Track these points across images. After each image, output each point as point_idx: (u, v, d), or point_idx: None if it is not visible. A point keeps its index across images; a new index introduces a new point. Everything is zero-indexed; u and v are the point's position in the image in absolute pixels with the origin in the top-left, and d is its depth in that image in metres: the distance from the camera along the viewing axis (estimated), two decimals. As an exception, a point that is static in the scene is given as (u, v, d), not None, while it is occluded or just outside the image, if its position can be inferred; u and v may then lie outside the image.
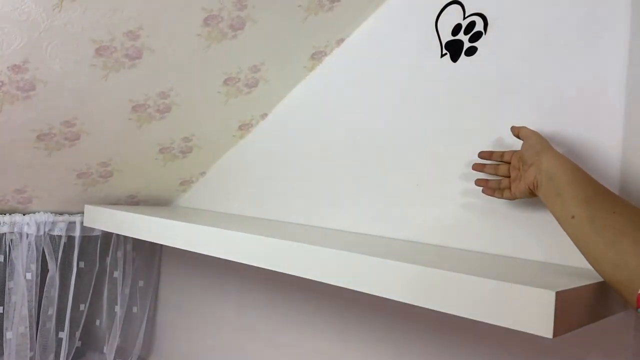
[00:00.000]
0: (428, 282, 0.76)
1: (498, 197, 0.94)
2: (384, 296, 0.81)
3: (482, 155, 0.98)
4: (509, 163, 0.93)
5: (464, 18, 1.06)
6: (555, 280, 0.76)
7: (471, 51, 1.05)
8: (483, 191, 0.97)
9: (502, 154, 0.95)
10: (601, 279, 0.75)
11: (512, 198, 0.92)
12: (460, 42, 1.07)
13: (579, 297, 0.70)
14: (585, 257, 0.75)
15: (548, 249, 0.93)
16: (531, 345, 0.95)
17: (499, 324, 0.69)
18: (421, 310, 0.79)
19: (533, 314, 0.66)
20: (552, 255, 0.93)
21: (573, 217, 0.75)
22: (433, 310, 0.76)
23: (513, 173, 0.91)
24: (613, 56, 0.88)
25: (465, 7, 1.06)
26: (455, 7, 1.08)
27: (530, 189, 0.85)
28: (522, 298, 0.67)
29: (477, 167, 0.99)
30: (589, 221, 0.73)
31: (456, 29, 1.08)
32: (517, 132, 0.91)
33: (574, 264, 0.89)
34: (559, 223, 0.79)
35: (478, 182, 0.98)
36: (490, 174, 0.97)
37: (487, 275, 0.72)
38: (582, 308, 0.72)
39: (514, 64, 0.99)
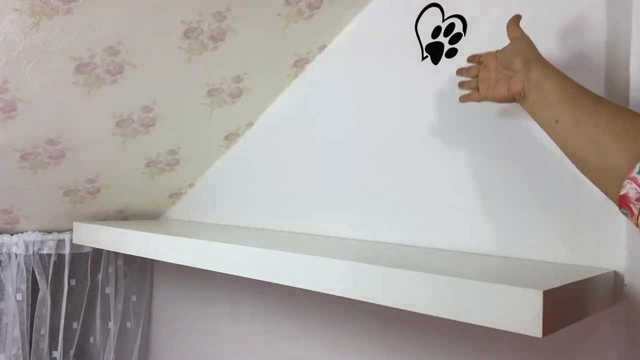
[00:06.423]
0: (416, 285, 0.76)
1: (464, 101, 0.92)
2: (375, 302, 0.81)
3: (468, 59, 0.93)
4: (480, 63, 0.89)
5: (443, 20, 1.07)
6: (543, 279, 0.76)
7: (452, 53, 1.06)
8: (460, 99, 0.94)
9: (480, 55, 0.90)
10: (588, 276, 0.75)
11: (479, 99, 0.89)
12: (441, 45, 1.07)
13: (567, 295, 0.70)
14: (571, 161, 0.74)
15: (538, 247, 0.93)
16: (522, 345, 0.95)
17: (488, 325, 0.70)
18: (412, 314, 0.79)
19: (521, 314, 0.66)
20: (542, 253, 0.93)
21: (557, 121, 0.73)
22: (423, 314, 0.76)
23: (483, 73, 0.88)
24: (594, 50, 0.89)
25: (444, 9, 1.07)
26: (434, 10, 1.08)
27: (512, 97, 0.81)
28: (510, 299, 0.67)
29: (459, 71, 0.94)
30: (573, 123, 0.71)
31: (436, 32, 1.08)
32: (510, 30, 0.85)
33: (564, 262, 0.89)
34: (545, 130, 0.77)
35: (459, 86, 0.93)
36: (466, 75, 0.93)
37: (475, 277, 0.72)
38: (570, 306, 0.72)
39: (494, 64, 1.00)
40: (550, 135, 0.76)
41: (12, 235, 1.38)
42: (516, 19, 0.86)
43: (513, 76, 0.81)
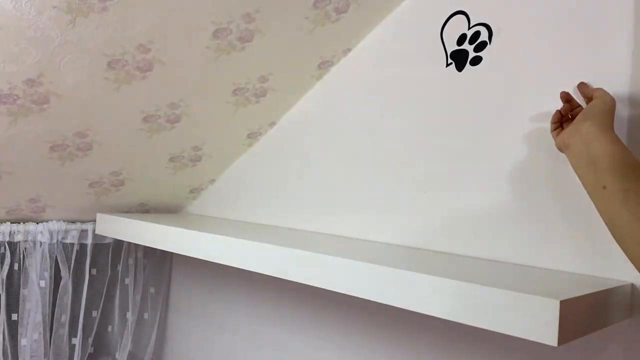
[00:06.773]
0: (433, 290, 0.78)
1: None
2: (392, 305, 0.83)
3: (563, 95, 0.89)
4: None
5: (469, 28, 1.08)
6: (560, 289, 0.77)
7: (476, 60, 1.07)
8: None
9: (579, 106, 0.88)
10: (606, 287, 0.76)
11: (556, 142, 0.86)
12: (465, 52, 1.08)
13: (583, 306, 0.71)
14: (610, 230, 0.72)
15: (556, 257, 0.94)
16: (535, 352, 0.96)
17: (504, 332, 0.71)
18: (428, 318, 0.80)
19: (538, 322, 0.67)
20: (561, 262, 0.94)
21: (605, 187, 0.71)
22: (441, 319, 0.78)
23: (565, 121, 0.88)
24: (618, 63, 0.89)
25: (470, 18, 1.08)
26: (460, 18, 1.09)
27: (559, 146, 0.83)
28: (527, 307, 0.69)
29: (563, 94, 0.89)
30: (622, 195, 0.68)
31: (461, 39, 1.09)
32: (590, 92, 0.84)
33: (582, 272, 0.90)
34: (587, 192, 0.75)
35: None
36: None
37: (493, 284, 0.73)
38: (586, 316, 0.73)
39: (518, 72, 1.01)
40: (594, 200, 0.74)
41: (37, 223, 1.42)
42: (583, 83, 0.88)
43: (569, 124, 0.82)
